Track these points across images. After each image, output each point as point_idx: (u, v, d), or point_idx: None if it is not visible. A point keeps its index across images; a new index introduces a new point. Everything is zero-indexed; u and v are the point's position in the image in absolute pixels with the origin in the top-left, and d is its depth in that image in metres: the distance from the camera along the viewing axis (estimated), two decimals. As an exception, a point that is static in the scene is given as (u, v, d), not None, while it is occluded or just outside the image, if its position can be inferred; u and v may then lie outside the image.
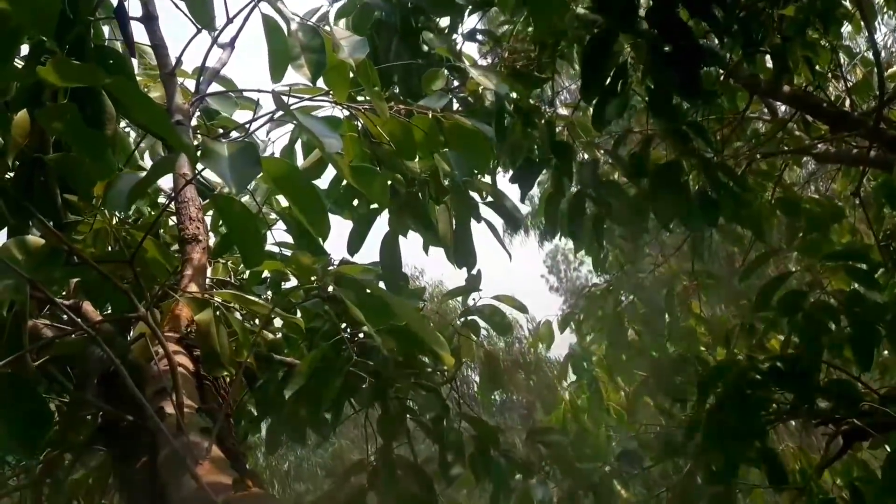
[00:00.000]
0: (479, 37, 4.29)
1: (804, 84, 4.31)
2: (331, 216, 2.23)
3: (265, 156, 1.85)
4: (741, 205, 3.60)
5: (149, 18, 2.89)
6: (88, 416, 3.72)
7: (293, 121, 2.06)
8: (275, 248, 3.34)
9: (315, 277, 3.38)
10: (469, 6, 4.00)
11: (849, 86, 4.48)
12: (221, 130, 3.47)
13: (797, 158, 4.94)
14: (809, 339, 3.17)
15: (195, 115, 3.18)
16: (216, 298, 2.27)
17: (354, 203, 3.48)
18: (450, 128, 2.84)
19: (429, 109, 2.88)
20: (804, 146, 4.36)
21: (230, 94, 3.47)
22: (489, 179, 3.82)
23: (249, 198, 3.51)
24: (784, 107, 4.94)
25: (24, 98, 2.20)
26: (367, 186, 2.15)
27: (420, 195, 3.24)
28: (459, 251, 3.23)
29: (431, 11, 3.85)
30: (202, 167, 2.69)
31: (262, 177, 3.27)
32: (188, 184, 2.20)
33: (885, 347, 3.47)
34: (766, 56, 4.12)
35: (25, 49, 2.33)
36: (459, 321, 3.99)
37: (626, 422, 5.12)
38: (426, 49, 3.84)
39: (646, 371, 4.59)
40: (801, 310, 3.22)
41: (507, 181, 4.10)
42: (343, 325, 3.16)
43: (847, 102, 4.38)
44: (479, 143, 2.79)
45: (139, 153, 3.61)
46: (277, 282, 3.42)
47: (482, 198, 3.46)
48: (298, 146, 3.53)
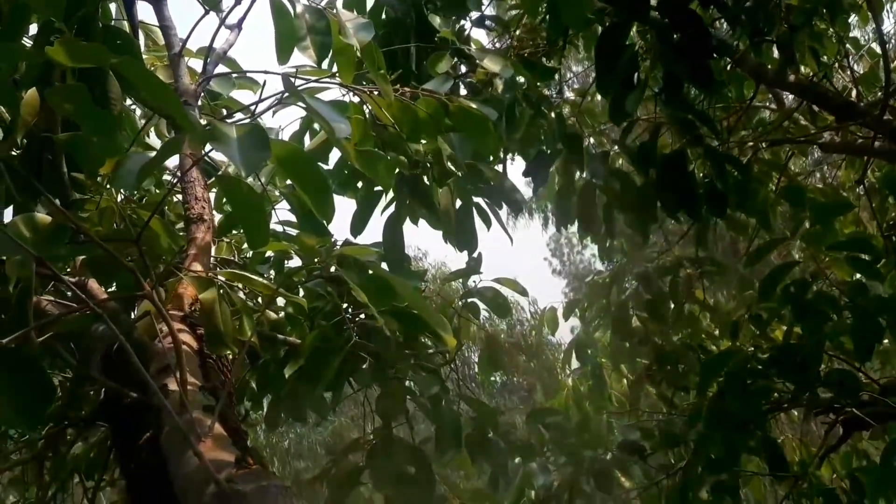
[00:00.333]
0: (488, 23, 4.28)
1: (810, 74, 4.30)
2: (335, 197, 2.25)
3: (272, 138, 1.86)
4: (746, 194, 3.61)
5: (157, -1, 2.90)
6: (91, 392, 3.77)
7: (301, 104, 2.07)
8: (278, 228, 3.36)
9: (318, 258, 3.42)
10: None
11: (855, 76, 4.47)
12: (225, 112, 3.47)
13: (803, 148, 4.94)
14: (811, 329, 3.18)
15: (200, 97, 3.19)
16: (220, 277, 2.29)
17: (358, 185, 3.50)
18: (455, 111, 2.84)
19: (434, 93, 2.89)
20: (809, 135, 4.35)
21: (237, 76, 3.47)
22: (494, 163, 3.83)
23: (253, 177, 3.52)
24: (790, 97, 4.93)
25: (34, 77, 2.22)
26: (373, 170, 2.16)
27: (423, 178, 3.26)
28: (461, 234, 3.25)
29: (445, 12, 3.85)
30: (208, 148, 2.72)
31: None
32: (195, 164, 2.21)
33: (887, 338, 3.48)
34: (773, 45, 4.12)
35: (34, 28, 2.35)
36: (460, 303, 4.01)
37: (628, 410, 5.15)
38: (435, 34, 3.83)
39: (649, 359, 4.60)
40: (804, 299, 3.23)
41: (521, 174, 4.11)
42: (345, 306, 3.19)
43: (853, 93, 4.37)
44: (484, 127, 2.80)
45: (145, 132, 3.62)
46: (280, 261, 3.44)
47: (487, 183, 3.47)
48: (307, 135, 3.54)
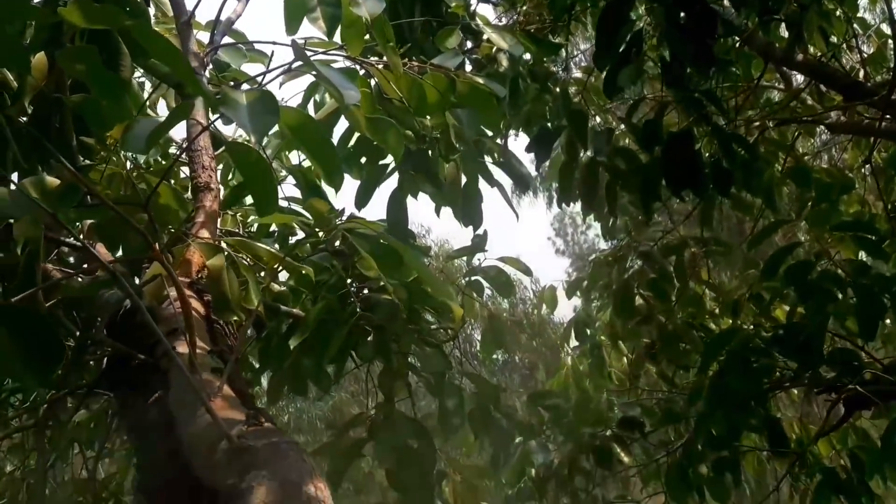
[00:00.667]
0: (495, -1, 4.26)
1: (818, 54, 4.29)
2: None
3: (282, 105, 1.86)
4: (752, 173, 3.60)
5: (165, -33, 2.89)
6: (92, 362, 3.78)
7: (311, 72, 2.07)
8: (283, 204, 3.36)
9: (322, 232, 3.42)
10: None
11: (863, 57, 4.45)
12: (233, 83, 3.47)
13: (810, 128, 4.93)
14: (815, 309, 3.19)
15: (208, 67, 3.18)
16: (227, 245, 2.30)
17: (362, 161, 3.50)
18: (462, 87, 2.84)
19: (442, 67, 2.88)
20: (817, 115, 4.34)
21: (244, 47, 3.46)
22: (499, 141, 3.82)
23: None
24: (798, 78, 4.92)
25: (43, 40, 2.21)
26: (383, 138, 2.16)
27: (430, 153, 3.26)
28: (467, 209, 3.24)
29: None
30: (216, 116, 2.72)
31: (276, 131, 3.30)
32: (204, 130, 2.21)
33: (889, 318, 3.49)
34: (782, 24, 4.09)
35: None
36: (463, 280, 4.02)
37: (628, 388, 5.17)
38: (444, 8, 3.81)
39: (651, 338, 4.61)
40: (808, 279, 3.23)
41: (524, 150, 4.11)
42: (349, 281, 3.20)
43: (861, 74, 4.36)
44: (491, 103, 2.79)
45: (151, 103, 3.62)
46: (285, 236, 3.45)
47: (493, 158, 3.47)
48: (310, 106, 3.53)
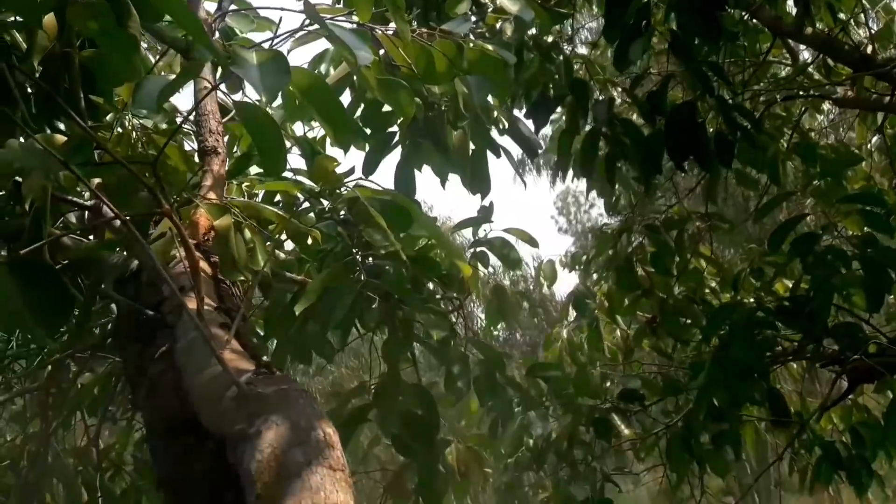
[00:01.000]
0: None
1: (826, 29, 4.26)
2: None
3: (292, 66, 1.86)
4: (757, 148, 3.60)
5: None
6: (96, 329, 3.81)
7: (324, 33, 2.06)
8: (288, 174, 3.36)
9: (328, 201, 3.42)
10: None
11: (871, 32, 4.42)
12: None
13: (816, 104, 4.91)
14: (820, 281, 3.19)
15: (216, 34, 3.18)
16: (234, 207, 2.31)
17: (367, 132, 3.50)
18: (472, 54, 2.83)
19: (451, 34, 2.87)
20: (824, 90, 4.33)
21: (251, 13, 3.46)
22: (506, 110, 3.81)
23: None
24: (805, 54, 4.91)
25: (53, -1, 2.20)
26: (394, 99, 2.17)
27: (438, 121, 3.25)
28: (475, 177, 3.25)
29: None
30: (224, 79, 2.72)
31: (279, 103, 3.30)
32: (213, 90, 2.21)
33: (894, 293, 3.49)
34: (790, -1, 4.08)
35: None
36: (469, 252, 4.02)
37: (620, 361, 5.20)
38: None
39: (651, 311, 4.63)
40: (813, 252, 3.24)
41: (522, 116, 4.09)
42: (355, 250, 3.21)
43: (869, 49, 4.33)
44: (500, 70, 2.78)
45: (157, 71, 3.61)
46: (290, 205, 3.45)
47: (499, 129, 3.46)
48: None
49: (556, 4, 4.52)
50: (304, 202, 3.42)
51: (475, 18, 3.90)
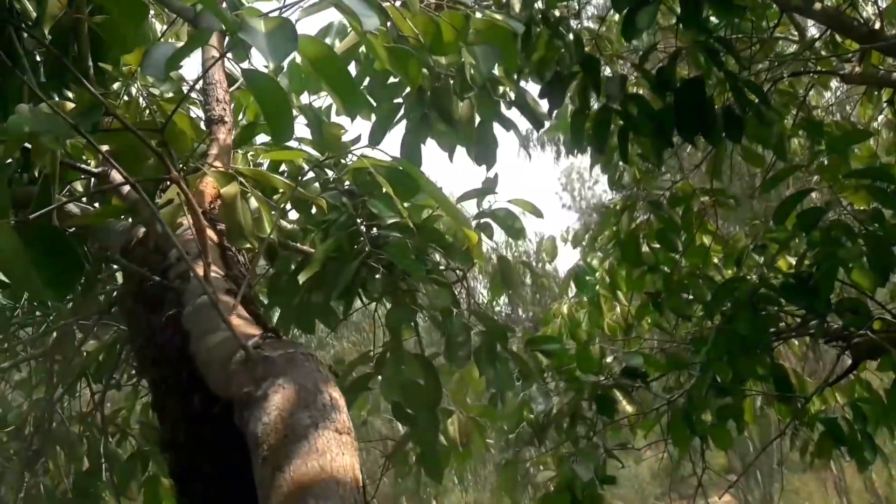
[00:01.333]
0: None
1: (836, 4, 4.23)
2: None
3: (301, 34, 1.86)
4: (765, 123, 3.58)
5: None
6: (101, 296, 3.83)
7: (332, 1, 2.05)
8: (293, 144, 3.36)
9: (332, 172, 3.42)
10: None
11: (880, 8, 4.39)
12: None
13: (823, 81, 4.88)
14: (825, 255, 3.19)
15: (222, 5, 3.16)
16: (241, 176, 2.31)
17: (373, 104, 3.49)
18: (480, 24, 2.82)
19: (459, 4, 2.87)
20: (831, 67, 4.30)
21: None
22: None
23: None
24: (812, 29, 4.87)
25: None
26: (403, 67, 2.16)
27: (444, 92, 3.24)
28: (481, 148, 3.24)
29: None
30: (229, 48, 2.71)
31: (288, 73, 3.29)
32: (220, 58, 2.21)
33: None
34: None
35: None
36: (473, 223, 4.00)
37: (621, 338, 5.21)
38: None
39: (655, 287, 4.62)
40: (819, 226, 3.23)
41: (537, 96, 4.06)
42: (359, 220, 3.22)
43: (877, 25, 4.29)
44: (508, 40, 2.78)
45: (165, 40, 3.60)
46: (294, 175, 3.45)
47: (506, 102, 3.45)
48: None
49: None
50: (309, 172, 3.42)
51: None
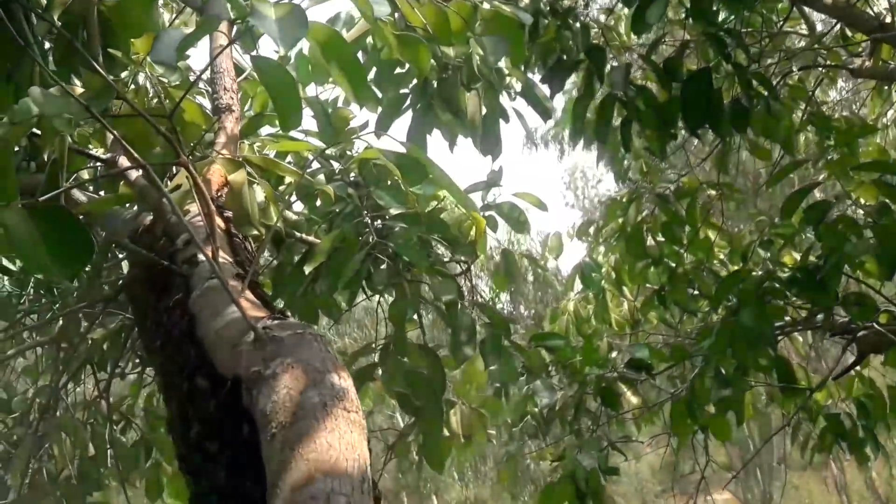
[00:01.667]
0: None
1: (845, -1, 4.22)
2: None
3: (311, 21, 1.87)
4: (773, 115, 3.58)
5: None
6: (105, 286, 3.84)
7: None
8: (299, 135, 3.37)
9: (338, 164, 3.42)
10: None
11: (891, 2, 4.38)
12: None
13: (832, 75, 4.88)
14: (832, 249, 3.19)
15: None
16: (249, 164, 2.32)
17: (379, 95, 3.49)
18: (487, 14, 2.82)
19: (467, -6, 2.86)
20: (840, 60, 4.29)
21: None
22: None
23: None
24: (821, 25, 4.86)
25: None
26: (412, 54, 2.17)
27: (451, 82, 3.24)
28: (486, 139, 3.24)
29: None
30: (238, 37, 2.71)
31: (296, 63, 3.29)
32: (229, 45, 2.22)
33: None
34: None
35: None
36: (478, 215, 4.00)
37: (628, 332, 5.21)
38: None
39: (659, 281, 4.63)
40: (826, 219, 3.23)
41: (538, 81, 4.06)
42: (364, 212, 3.22)
43: (888, 19, 4.28)
44: (515, 30, 2.78)
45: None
46: (300, 167, 3.46)
47: (510, 95, 3.45)
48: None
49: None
50: (314, 163, 3.43)
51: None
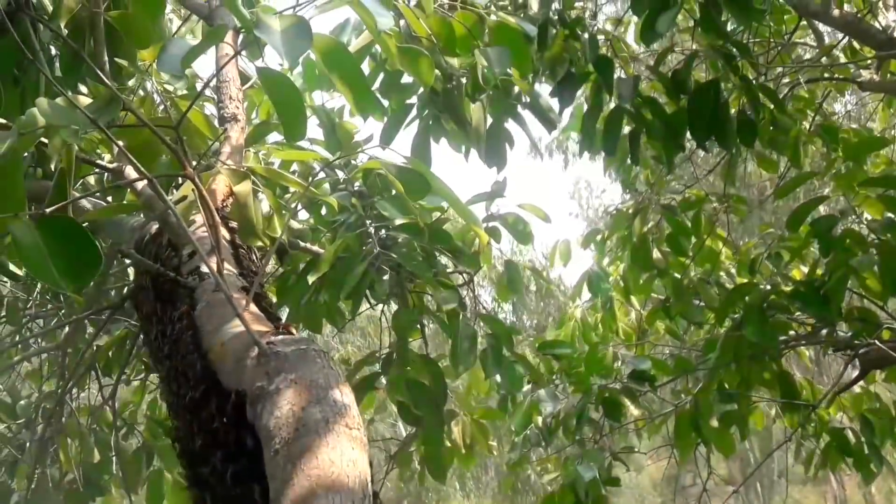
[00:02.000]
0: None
1: (855, 11, 4.22)
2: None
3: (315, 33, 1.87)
4: (779, 129, 3.58)
5: None
6: (112, 292, 3.84)
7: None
8: (304, 144, 3.38)
9: (343, 173, 3.43)
10: None
11: (900, 16, 4.38)
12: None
13: (840, 88, 4.88)
14: (836, 264, 3.18)
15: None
16: (254, 174, 2.32)
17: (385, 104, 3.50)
18: (493, 26, 2.83)
19: (473, 6, 2.88)
20: (848, 73, 4.29)
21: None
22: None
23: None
24: (829, 36, 4.85)
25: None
26: (414, 67, 2.17)
27: (457, 93, 3.25)
28: (490, 150, 3.24)
29: None
30: (245, 44, 2.72)
31: (302, 70, 3.30)
32: (235, 56, 2.22)
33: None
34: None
35: None
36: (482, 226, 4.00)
37: (634, 343, 5.20)
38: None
39: (665, 292, 4.62)
40: (831, 234, 3.22)
41: (548, 94, 4.05)
42: (368, 222, 3.23)
43: (896, 33, 4.29)
44: (521, 42, 2.78)
45: (180, 36, 3.63)
46: (305, 175, 3.47)
47: (519, 101, 3.45)
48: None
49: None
50: (320, 172, 3.44)
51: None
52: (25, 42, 2.26)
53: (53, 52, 2.55)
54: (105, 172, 2.53)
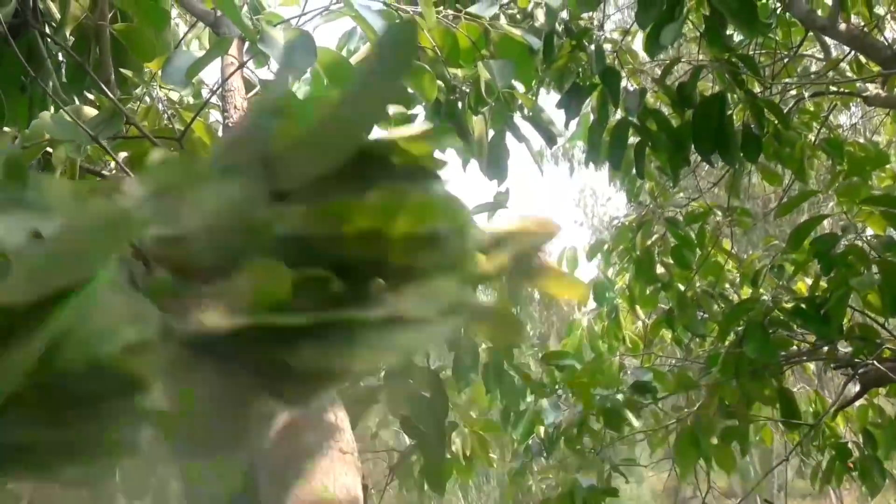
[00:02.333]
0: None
1: (862, 25, 4.20)
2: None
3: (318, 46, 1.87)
4: (783, 143, 3.56)
5: None
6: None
7: (349, 12, 2.08)
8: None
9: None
10: None
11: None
12: (268, 26, 3.47)
13: (845, 101, 4.85)
14: (838, 282, 3.17)
15: (242, 10, 3.19)
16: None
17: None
18: (497, 38, 2.82)
19: (477, 17, 2.87)
20: (854, 89, 4.27)
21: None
22: (531, 97, 3.78)
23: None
24: (835, 52, 4.83)
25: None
26: (417, 82, 2.17)
27: (459, 105, 3.24)
28: (492, 163, 3.23)
29: None
30: (251, 55, 2.73)
31: (311, 79, 3.30)
32: (240, 67, 2.23)
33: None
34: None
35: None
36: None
37: (641, 353, 5.17)
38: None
39: (669, 304, 4.60)
40: (833, 252, 3.21)
41: (553, 107, 4.04)
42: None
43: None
44: (525, 55, 2.78)
45: (185, 43, 3.64)
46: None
47: (521, 114, 3.44)
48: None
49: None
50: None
51: (507, 0, 3.87)
52: (32, 50, 2.27)
53: (61, 59, 2.56)
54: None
